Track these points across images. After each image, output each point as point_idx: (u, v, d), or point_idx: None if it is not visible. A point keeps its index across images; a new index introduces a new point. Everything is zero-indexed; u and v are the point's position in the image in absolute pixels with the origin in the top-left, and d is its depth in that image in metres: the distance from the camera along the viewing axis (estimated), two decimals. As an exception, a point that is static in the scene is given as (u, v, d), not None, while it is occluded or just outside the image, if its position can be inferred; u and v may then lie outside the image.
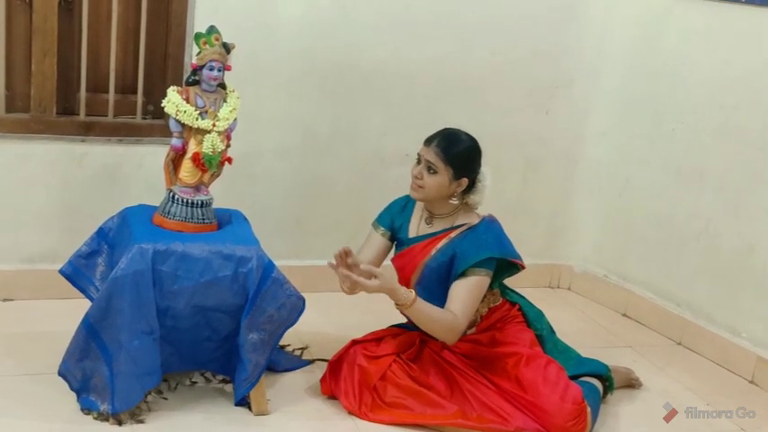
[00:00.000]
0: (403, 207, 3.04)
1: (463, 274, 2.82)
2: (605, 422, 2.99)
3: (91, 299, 2.80)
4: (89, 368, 2.64)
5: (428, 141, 2.88)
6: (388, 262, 3.06)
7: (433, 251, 2.90)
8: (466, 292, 2.81)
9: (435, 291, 2.88)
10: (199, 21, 3.30)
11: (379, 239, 3.04)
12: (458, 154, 2.85)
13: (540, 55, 3.93)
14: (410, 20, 3.66)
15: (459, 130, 2.91)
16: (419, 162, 2.88)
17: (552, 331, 3.12)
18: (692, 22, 3.72)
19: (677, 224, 3.80)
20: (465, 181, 2.87)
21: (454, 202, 2.91)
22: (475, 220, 2.92)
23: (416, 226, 2.99)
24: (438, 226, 2.94)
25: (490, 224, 2.92)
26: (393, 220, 3.04)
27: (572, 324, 3.77)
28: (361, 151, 3.75)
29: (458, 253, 2.85)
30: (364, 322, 3.18)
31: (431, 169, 2.84)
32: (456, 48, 3.78)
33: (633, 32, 3.95)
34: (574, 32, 3.97)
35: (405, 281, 2.95)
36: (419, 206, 3.00)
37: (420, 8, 3.67)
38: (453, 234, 2.90)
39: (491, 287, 2.96)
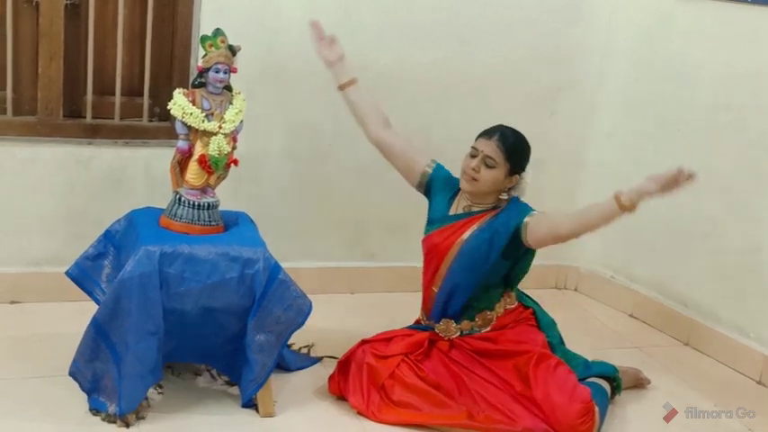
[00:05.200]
0: (455, 184, 2.99)
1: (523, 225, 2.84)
2: (612, 423, 2.99)
3: (97, 301, 2.80)
4: (99, 369, 2.65)
5: (487, 135, 2.89)
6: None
7: (471, 229, 2.90)
8: (548, 216, 2.86)
9: (472, 270, 2.89)
10: (204, 23, 3.31)
11: (423, 161, 3.01)
12: (517, 150, 2.88)
13: (544, 57, 3.93)
14: (413, 23, 3.66)
15: (512, 128, 2.92)
16: (473, 155, 2.88)
17: (562, 342, 3.11)
18: (696, 23, 3.71)
19: (684, 225, 3.79)
20: (517, 177, 2.90)
21: (504, 197, 2.92)
22: (504, 204, 2.93)
23: (456, 207, 2.99)
24: (476, 208, 2.95)
25: (519, 199, 2.94)
26: (439, 182, 3.00)
27: (579, 325, 3.76)
28: (365, 153, 3.72)
29: (498, 227, 2.87)
30: (371, 324, 3.19)
31: (489, 163, 2.85)
32: (459, 51, 3.77)
33: (637, 33, 3.94)
34: (578, 34, 3.97)
35: (439, 257, 2.94)
36: (463, 195, 2.99)
37: (423, 12, 3.67)
38: (488, 216, 2.91)
39: (510, 288, 3.00)
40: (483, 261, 2.89)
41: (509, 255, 2.90)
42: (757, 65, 3.48)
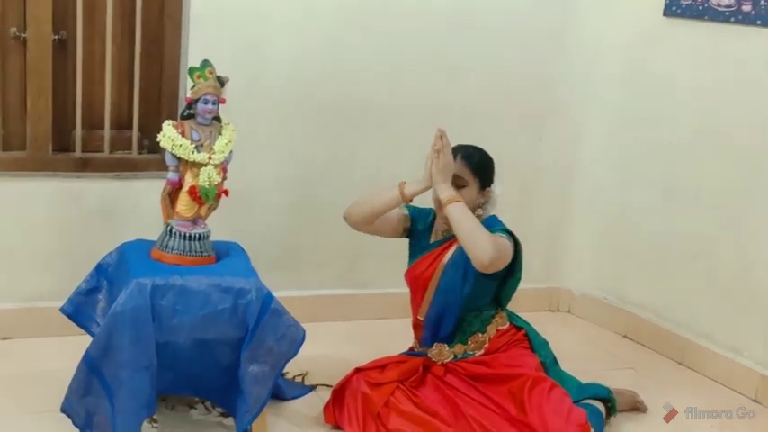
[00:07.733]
0: (428, 215, 3.05)
1: None
2: (608, 444, 2.98)
3: (93, 335, 2.78)
4: (92, 405, 2.62)
5: None
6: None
7: (450, 251, 2.93)
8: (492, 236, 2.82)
9: (453, 291, 2.91)
10: (193, 55, 3.31)
11: (398, 213, 3.03)
12: (482, 164, 2.90)
13: (532, 81, 3.95)
14: (402, 54, 3.68)
15: (470, 145, 2.95)
16: None
17: (555, 362, 3.10)
18: (682, 44, 3.74)
19: (675, 244, 3.80)
20: (489, 191, 2.92)
21: (480, 212, 2.93)
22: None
23: (435, 234, 3.03)
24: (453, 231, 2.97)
25: (496, 217, 2.96)
26: (418, 219, 3.05)
27: (573, 347, 3.76)
28: (357, 181, 3.76)
29: None
30: (365, 351, 3.17)
31: (459, 183, 2.87)
32: (448, 78, 3.79)
33: (623, 55, 3.97)
34: (565, 58, 3.99)
35: (424, 285, 2.97)
36: (439, 220, 3.00)
37: (411, 42, 3.69)
38: None
39: (501, 307, 3.01)
40: (462, 281, 2.90)
41: (490, 273, 2.88)
42: (743, 83, 3.50)
